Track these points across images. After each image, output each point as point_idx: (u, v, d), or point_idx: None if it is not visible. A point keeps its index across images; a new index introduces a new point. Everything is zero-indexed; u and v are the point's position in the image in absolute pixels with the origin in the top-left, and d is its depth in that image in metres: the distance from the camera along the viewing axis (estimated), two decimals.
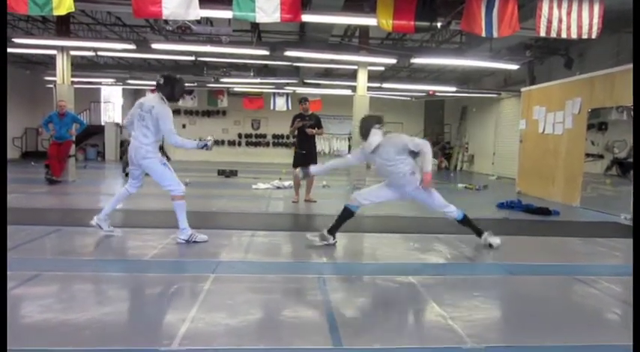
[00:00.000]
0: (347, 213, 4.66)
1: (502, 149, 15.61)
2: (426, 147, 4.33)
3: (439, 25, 7.58)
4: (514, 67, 11.15)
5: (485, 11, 6.54)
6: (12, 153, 17.58)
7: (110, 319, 2.68)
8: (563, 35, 6.55)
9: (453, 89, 15.35)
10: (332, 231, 4.64)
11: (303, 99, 8.00)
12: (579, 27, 6.51)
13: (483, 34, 6.69)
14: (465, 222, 4.73)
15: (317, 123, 7.73)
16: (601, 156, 11.01)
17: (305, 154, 7.64)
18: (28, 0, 6.32)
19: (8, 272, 3.31)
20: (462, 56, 10.98)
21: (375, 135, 4.40)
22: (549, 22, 6.45)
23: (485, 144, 17.06)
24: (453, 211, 4.63)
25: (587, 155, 8.29)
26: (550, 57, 11.96)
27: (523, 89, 11.02)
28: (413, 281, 3.55)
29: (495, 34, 6.66)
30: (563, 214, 7.36)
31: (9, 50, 11.83)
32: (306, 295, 3.25)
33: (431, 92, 16.46)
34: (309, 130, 7.61)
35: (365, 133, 4.49)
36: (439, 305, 3.09)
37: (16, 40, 9.91)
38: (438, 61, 11.76)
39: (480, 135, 17.74)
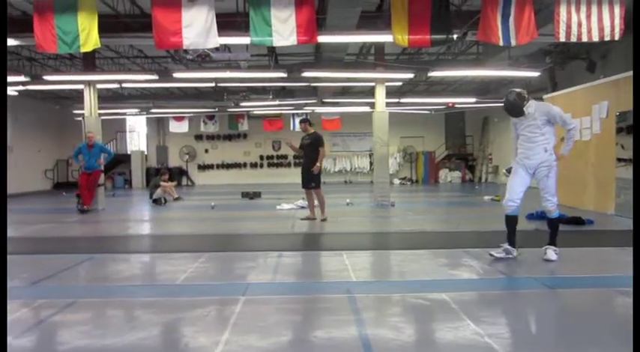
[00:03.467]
0: (511, 220, 4.73)
1: None
2: (575, 129, 4.54)
3: (455, 37, 7.57)
4: (534, 74, 10.99)
5: (502, 20, 6.50)
6: (44, 184, 18.24)
7: (146, 344, 2.71)
8: (584, 39, 6.45)
9: (473, 100, 15.20)
10: (512, 243, 4.69)
11: (301, 120, 8.23)
12: (600, 29, 6.40)
13: (501, 44, 6.65)
14: (555, 224, 4.68)
15: (313, 142, 7.61)
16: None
17: (303, 173, 7.72)
18: (57, 40, 6.66)
19: (45, 300, 3.44)
20: (480, 66, 10.92)
21: (531, 107, 4.61)
22: (568, 26, 6.37)
23: (510, 154, 16.73)
24: (554, 205, 4.61)
25: (619, 160, 7.99)
26: (571, 62, 11.75)
27: (546, 96, 10.82)
28: (445, 298, 3.46)
29: (513, 43, 6.61)
30: (598, 223, 7.09)
31: (40, 87, 12.44)
32: (337, 315, 3.20)
33: (450, 104, 16.35)
34: (293, 148, 7.88)
35: (518, 113, 4.64)
36: (474, 322, 2.99)
37: (47, 78, 10.39)
38: (456, 73, 11.71)
39: (504, 145, 17.43)
